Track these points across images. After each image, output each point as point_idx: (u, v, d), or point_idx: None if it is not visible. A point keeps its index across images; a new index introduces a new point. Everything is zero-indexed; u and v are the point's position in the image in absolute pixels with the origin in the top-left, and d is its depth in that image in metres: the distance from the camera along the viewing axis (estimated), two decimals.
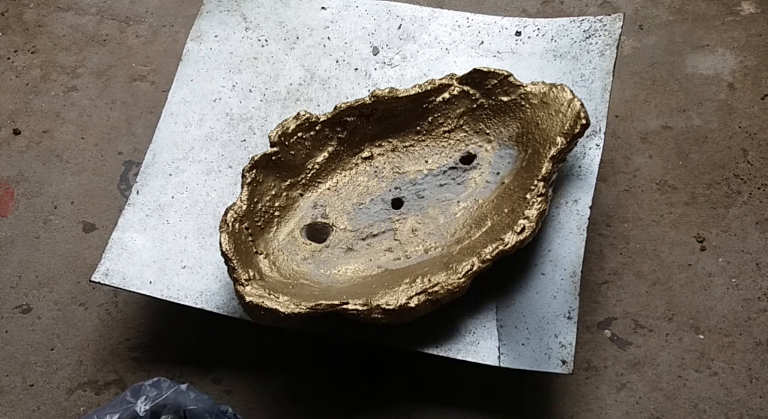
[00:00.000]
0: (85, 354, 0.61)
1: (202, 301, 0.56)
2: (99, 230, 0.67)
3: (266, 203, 0.57)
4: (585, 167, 0.57)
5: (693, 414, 0.55)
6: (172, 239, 0.59)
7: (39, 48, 0.79)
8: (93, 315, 0.63)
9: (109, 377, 0.60)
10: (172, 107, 0.65)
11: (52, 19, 0.81)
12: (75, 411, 0.59)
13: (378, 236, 0.58)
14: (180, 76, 0.66)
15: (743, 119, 0.67)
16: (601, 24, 0.62)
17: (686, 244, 0.62)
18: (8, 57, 0.78)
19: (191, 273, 0.57)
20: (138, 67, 0.77)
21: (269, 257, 0.56)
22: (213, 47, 0.67)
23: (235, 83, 0.66)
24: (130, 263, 0.58)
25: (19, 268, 0.66)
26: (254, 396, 0.58)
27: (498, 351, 0.53)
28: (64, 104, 0.75)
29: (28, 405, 0.59)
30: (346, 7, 0.68)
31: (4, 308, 0.64)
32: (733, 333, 0.58)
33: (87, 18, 0.80)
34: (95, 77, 0.76)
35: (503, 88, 0.59)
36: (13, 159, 0.72)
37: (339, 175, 0.61)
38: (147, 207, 0.60)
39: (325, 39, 0.67)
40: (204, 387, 0.59)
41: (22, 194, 0.70)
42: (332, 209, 0.59)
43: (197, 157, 0.63)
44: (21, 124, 0.74)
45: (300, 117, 0.58)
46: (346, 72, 0.66)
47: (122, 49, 0.78)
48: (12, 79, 0.77)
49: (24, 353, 0.62)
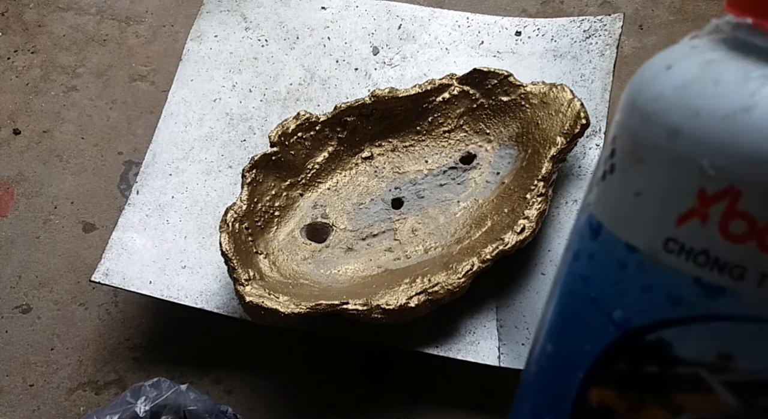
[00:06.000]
0: (85, 354, 0.61)
1: (202, 301, 0.56)
2: (99, 230, 0.67)
3: (266, 203, 0.57)
4: (585, 167, 0.57)
5: None
6: (172, 239, 0.59)
7: (39, 48, 0.79)
8: (93, 315, 0.63)
9: (109, 377, 0.60)
10: (172, 106, 0.65)
11: (52, 19, 0.80)
12: (75, 411, 0.59)
13: (378, 236, 0.58)
14: (180, 76, 0.66)
15: None
16: (601, 24, 0.62)
17: None
18: (8, 57, 0.78)
19: (191, 273, 0.57)
20: (138, 67, 0.77)
21: (269, 257, 0.56)
22: (213, 47, 0.67)
23: (235, 83, 0.66)
24: (130, 263, 0.58)
25: (19, 268, 0.66)
26: (254, 396, 0.58)
27: (498, 351, 0.53)
28: (64, 104, 0.75)
29: (28, 405, 0.59)
30: (346, 7, 0.68)
31: (4, 308, 0.64)
32: None
33: (87, 18, 0.80)
34: (95, 77, 0.76)
35: (503, 88, 0.58)
36: (13, 159, 0.72)
37: (339, 175, 0.61)
38: (147, 207, 0.60)
39: (325, 39, 0.67)
40: (204, 387, 0.59)
41: (22, 194, 0.70)
42: (332, 209, 0.59)
43: (197, 157, 0.63)
44: (21, 124, 0.74)
45: (300, 117, 0.58)
46: (346, 72, 0.66)
47: (122, 49, 0.78)
48: (12, 79, 0.77)
49: (24, 353, 0.62)
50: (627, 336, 0.17)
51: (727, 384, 0.15)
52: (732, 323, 0.15)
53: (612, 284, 0.17)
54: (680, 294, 0.16)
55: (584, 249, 0.19)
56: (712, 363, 0.15)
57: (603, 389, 0.18)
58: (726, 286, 0.15)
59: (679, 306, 0.16)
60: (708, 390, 0.16)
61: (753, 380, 0.15)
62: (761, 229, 0.15)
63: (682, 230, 0.16)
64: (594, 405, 0.18)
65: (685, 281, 0.16)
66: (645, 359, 0.16)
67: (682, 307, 0.16)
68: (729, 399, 0.15)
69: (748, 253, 0.15)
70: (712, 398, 0.16)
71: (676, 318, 0.16)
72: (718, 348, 0.15)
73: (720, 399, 0.16)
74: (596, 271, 0.18)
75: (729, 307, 0.15)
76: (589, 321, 0.18)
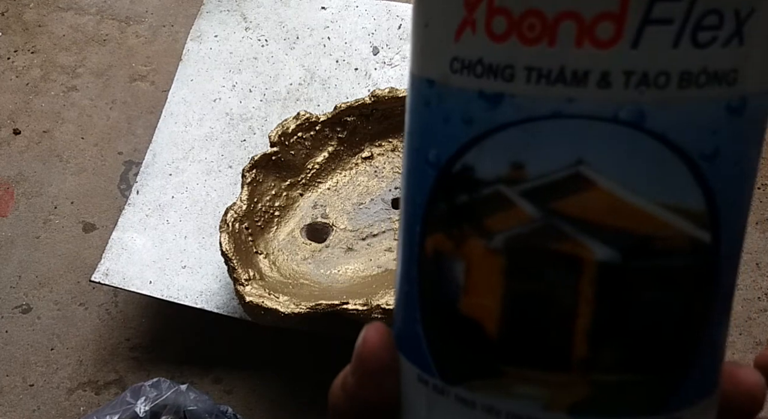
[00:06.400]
0: (85, 354, 0.61)
1: (202, 301, 0.56)
2: (99, 230, 0.67)
3: (266, 203, 0.57)
4: None
5: None
6: (172, 239, 0.59)
7: (39, 48, 0.78)
8: (93, 314, 0.63)
9: (109, 377, 0.60)
10: (172, 106, 0.65)
11: (52, 19, 0.80)
12: (75, 411, 0.59)
13: (378, 236, 0.58)
14: (180, 76, 0.66)
15: None
16: None
17: None
18: (8, 57, 0.78)
19: (191, 273, 0.57)
20: (138, 67, 0.76)
21: (269, 257, 0.56)
22: (213, 47, 0.67)
23: (235, 83, 0.66)
24: (130, 263, 0.58)
25: (19, 268, 0.66)
26: (254, 396, 0.58)
27: None
28: (64, 104, 0.75)
29: (28, 405, 0.59)
30: (346, 7, 0.68)
31: (4, 308, 0.64)
32: (733, 333, 0.58)
33: (87, 18, 0.80)
34: (95, 77, 0.76)
35: None
36: (13, 159, 0.72)
37: (339, 175, 0.61)
38: (147, 207, 0.60)
39: (325, 39, 0.67)
40: (204, 387, 0.59)
41: (22, 194, 0.70)
42: (332, 209, 0.59)
43: (197, 157, 0.63)
44: (21, 124, 0.74)
45: (300, 117, 0.58)
46: (346, 72, 0.66)
47: (122, 49, 0.78)
48: (12, 79, 0.77)
49: (24, 353, 0.62)
50: (441, 174, 0.17)
51: (524, 194, 0.16)
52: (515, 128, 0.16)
53: (425, 127, 0.18)
54: (470, 113, 0.16)
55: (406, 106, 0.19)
56: (507, 176, 0.16)
57: (433, 235, 0.18)
58: (503, 91, 0.16)
59: (471, 125, 0.16)
60: (510, 204, 0.16)
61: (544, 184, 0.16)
62: (517, 21, 0.15)
63: (460, 45, 0.16)
64: (429, 255, 0.18)
65: (472, 98, 0.16)
66: (456, 190, 0.17)
67: (474, 125, 0.16)
68: (528, 208, 0.16)
69: (512, 49, 0.16)
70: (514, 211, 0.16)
71: (473, 138, 0.16)
72: (509, 158, 0.16)
73: (521, 212, 0.16)
74: (413, 120, 0.19)
75: (509, 113, 0.16)
76: (417, 172, 0.18)
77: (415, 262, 0.19)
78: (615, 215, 0.16)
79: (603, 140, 0.16)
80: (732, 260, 0.18)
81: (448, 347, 0.18)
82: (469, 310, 0.18)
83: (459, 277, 0.17)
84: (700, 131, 0.16)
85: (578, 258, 0.16)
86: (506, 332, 0.17)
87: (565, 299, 0.17)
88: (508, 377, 0.17)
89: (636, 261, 0.16)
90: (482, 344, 0.17)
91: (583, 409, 0.17)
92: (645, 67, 0.15)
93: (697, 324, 0.17)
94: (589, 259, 0.16)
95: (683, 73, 0.15)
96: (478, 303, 0.17)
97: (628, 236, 0.16)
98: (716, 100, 0.16)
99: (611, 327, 0.17)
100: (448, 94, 0.17)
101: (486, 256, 0.17)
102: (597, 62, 0.15)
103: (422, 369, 0.19)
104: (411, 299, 0.19)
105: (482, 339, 0.17)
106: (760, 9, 0.15)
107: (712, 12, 0.15)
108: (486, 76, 0.16)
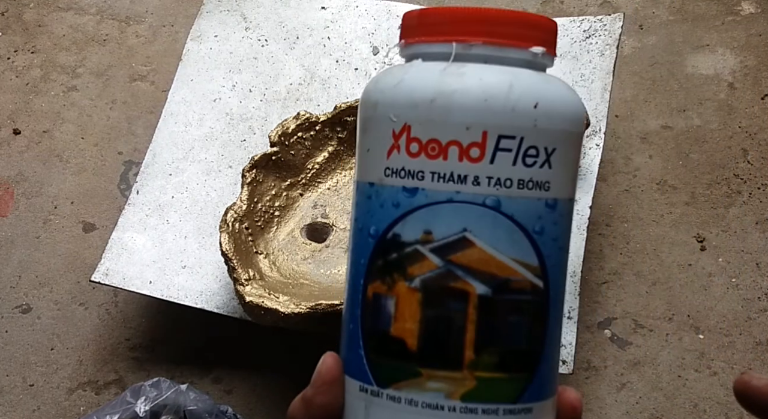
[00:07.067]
0: (85, 354, 0.61)
1: (202, 301, 0.56)
2: (99, 230, 0.67)
3: (266, 203, 0.57)
4: (585, 167, 0.57)
5: (693, 414, 0.55)
6: (172, 239, 0.59)
7: (39, 48, 0.79)
8: (93, 314, 0.63)
9: (109, 377, 0.60)
10: (172, 106, 0.65)
11: (52, 19, 0.80)
12: (75, 411, 0.59)
13: None
14: (180, 76, 0.66)
15: (743, 118, 0.67)
16: (601, 24, 0.62)
17: (686, 244, 0.62)
18: (8, 57, 0.78)
19: (191, 273, 0.57)
20: (138, 67, 0.76)
21: (269, 257, 0.56)
22: (213, 47, 0.67)
23: (235, 83, 0.66)
24: (130, 263, 0.58)
25: (19, 268, 0.66)
26: (254, 396, 0.58)
27: None
28: (64, 104, 0.75)
29: (28, 405, 0.59)
30: (346, 7, 0.68)
31: (4, 308, 0.64)
32: (733, 333, 0.58)
33: (87, 18, 0.80)
34: (95, 77, 0.76)
35: None
36: (13, 159, 0.72)
37: (339, 175, 0.61)
38: (147, 207, 0.60)
39: (325, 39, 0.67)
40: (204, 387, 0.59)
41: (22, 194, 0.70)
42: (332, 209, 0.59)
43: (197, 157, 0.63)
44: (21, 124, 0.74)
45: (300, 117, 0.59)
46: (346, 72, 0.66)
47: (122, 49, 0.78)
48: (12, 79, 0.77)
49: (24, 353, 0.62)
50: (379, 242, 0.26)
51: (432, 250, 0.26)
52: (425, 209, 0.25)
53: (367, 212, 0.27)
54: (397, 200, 0.26)
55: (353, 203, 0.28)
56: (421, 239, 0.26)
57: (373, 283, 0.27)
58: (417, 186, 0.26)
59: (398, 208, 0.26)
60: (424, 257, 0.26)
61: (444, 243, 0.25)
62: (424, 145, 0.25)
63: (390, 160, 0.26)
64: (369, 298, 0.27)
65: (398, 191, 0.26)
66: (389, 250, 0.26)
67: (400, 208, 0.26)
68: (435, 259, 0.26)
69: (422, 162, 0.26)
70: (426, 262, 0.26)
71: (399, 216, 0.26)
72: (422, 228, 0.26)
73: (431, 262, 0.26)
74: (359, 210, 0.28)
75: (421, 199, 0.26)
76: (361, 243, 0.27)
77: (358, 305, 0.27)
78: (487, 265, 0.25)
79: (478, 216, 0.25)
80: (558, 300, 0.27)
81: (382, 360, 0.26)
82: (397, 332, 0.26)
83: (390, 309, 0.26)
84: (531, 216, 0.26)
85: (466, 293, 0.25)
86: (422, 344, 0.26)
87: (459, 320, 0.25)
88: (423, 377, 0.26)
89: (501, 295, 0.26)
90: (406, 355, 0.26)
91: (471, 397, 0.25)
92: (498, 175, 0.25)
93: (539, 341, 0.26)
94: (473, 293, 0.25)
95: (519, 180, 0.25)
96: (403, 327, 0.26)
97: (496, 278, 0.25)
98: (539, 198, 0.26)
99: (487, 339, 0.25)
100: (382, 190, 0.26)
101: (408, 293, 0.26)
102: (471, 171, 0.25)
103: (362, 380, 0.27)
104: (355, 332, 0.27)
105: (406, 351, 0.26)
106: (560, 148, 0.26)
107: (532, 147, 0.25)
108: (406, 177, 0.26)
